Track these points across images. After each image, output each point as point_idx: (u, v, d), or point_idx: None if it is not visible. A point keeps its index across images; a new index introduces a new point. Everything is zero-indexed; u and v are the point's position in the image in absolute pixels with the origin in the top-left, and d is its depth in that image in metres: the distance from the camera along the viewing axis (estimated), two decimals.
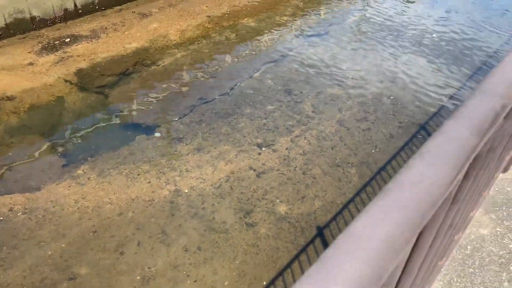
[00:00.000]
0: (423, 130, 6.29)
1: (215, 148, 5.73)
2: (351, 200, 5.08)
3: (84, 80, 6.98)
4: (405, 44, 8.62)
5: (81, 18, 8.85)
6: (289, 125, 6.24)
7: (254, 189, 5.13)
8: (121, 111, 6.35)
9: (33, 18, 8.11)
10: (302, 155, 5.70)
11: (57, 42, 7.85)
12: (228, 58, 7.88)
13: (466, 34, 9.18)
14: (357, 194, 5.16)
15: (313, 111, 6.57)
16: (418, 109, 6.72)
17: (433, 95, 7.08)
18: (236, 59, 7.85)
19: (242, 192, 5.08)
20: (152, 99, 6.64)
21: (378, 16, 9.80)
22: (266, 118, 6.35)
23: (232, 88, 7.02)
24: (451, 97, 7.05)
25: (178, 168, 5.38)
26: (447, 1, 10.92)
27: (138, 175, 5.26)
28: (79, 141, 5.78)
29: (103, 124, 6.11)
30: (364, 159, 5.68)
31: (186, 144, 5.77)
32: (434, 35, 9.07)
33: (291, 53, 8.15)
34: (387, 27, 9.35)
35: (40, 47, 7.68)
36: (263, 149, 5.77)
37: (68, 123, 6.12)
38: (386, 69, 7.76)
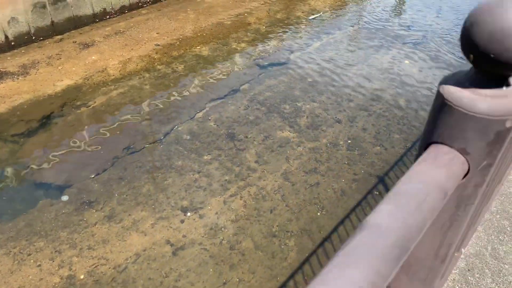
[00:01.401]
0: (382, 183, 5.38)
1: (129, 215, 4.82)
2: (283, 286, 4.16)
3: (0, 128, 6.10)
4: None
5: (15, 51, 8.00)
6: (225, 180, 5.33)
7: (165, 273, 4.21)
8: (32, 167, 5.45)
9: None
10: (233, 222, 4.79)
11: None
12: (169, 95, 7.01)
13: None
14: (291, 277, 4.24)
15: (256, 161, 5.67)
16: (378, 156, 5.82)
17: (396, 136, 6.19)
18: (179, 97, 6.98)
19: (149, 278, 4.16)
20: (70, 150, 5.74)
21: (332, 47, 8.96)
22: (199, 172, 5.45)
23: (166, 134, 6.13)
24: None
25: (79, 245, 4.46)
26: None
27: (29, 255, 4.34)
28: None
29: (7, 184, 5.21)
30: (306, 226, 4.76)
31: (96, 211, 4.86)
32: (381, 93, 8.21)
33: (243, 87, 7.28)
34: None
35: None
36: (188, 214, 4.86)
37: None
38: (345, 107, 6.88)
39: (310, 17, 9.71)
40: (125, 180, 5.29)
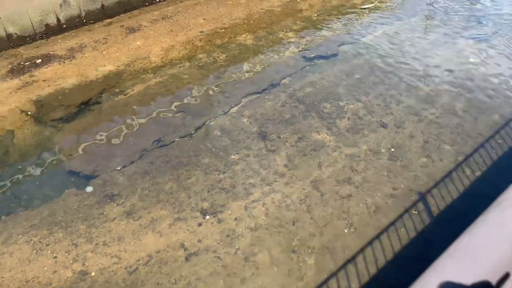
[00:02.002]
0: (423, 201, 4.81)
1: (148, 212, 4.73)
2: None
3: (42, 112, 6.28)
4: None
5: (66, 33, 8.20)
6: (250, 184, 5.06)
7: (175, 279, 4.07)
8: (64, 154, 5.54)
9: (9, 36, 7.57)
10: (252, 230, 4.52)
11: (27, 63, 7.24)
12: (206, 86, 6.80)
13: None
14: None
15: (285, 165, 5.32)
16: (423, 170, 5.21)
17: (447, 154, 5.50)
18: (216, 88, 6.75)
19: (158, 283, 4.04)
20: (101, 139, 5.76)
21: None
22: (224, 173, 5.22)
23: (198, 128, 5.95)
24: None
25: (95, 239, 4.45)
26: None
27: (47, 245, 4.41)
28: (7, 191, 5.05)
29: (39, 170, 5.34)
30: (330, 243, 4.37)
31: (117, 205, 4.83)
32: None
33: (284, 81, 6.88)
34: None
35: (8, 69, 7.11)
36: (207, 217, 4.67)
37: (10, 164, 5.42)
38: (394, 109, 6.25)
39: (363, 7, 8.94)
40: (150, 175, 5.20)
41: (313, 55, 7.52)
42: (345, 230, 4.50)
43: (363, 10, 8.81)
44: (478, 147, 5.50)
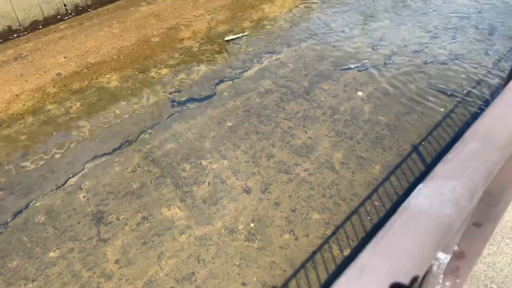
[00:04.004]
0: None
1: None
2: None
3: None
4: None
5: None
6: None
7: None
8: None
9: None
10: None
11: None
12: (45, 150, 5.60)
13: None
14: None
15: (116, 261, 4.28)
16: (282, 253, 4.32)
17: None
18: (57, 151, 5.57)
19: None
20: None
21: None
22: (34, 281, 4.10)
23: (17, 214, 4.76)
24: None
25: None
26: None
27: None
28: None
29: None
30: None
31: None
32: None
33: (142, 135, 5.81)
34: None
35: None
36: None
37: None
38: (263, 167, 5.35)
39: (227, 38, 7.99)
40: None
41: (184, 98, 6.51)
42: None
43: (227, 41, 7.84)
44: (351, 213, 4.69)
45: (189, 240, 4.46)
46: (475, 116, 6.03)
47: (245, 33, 8.02)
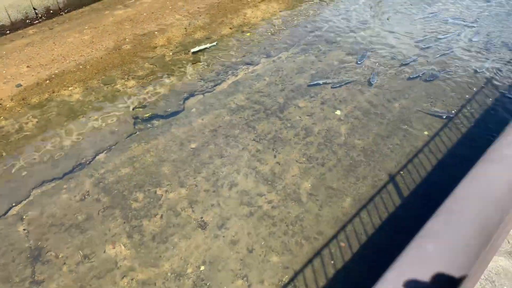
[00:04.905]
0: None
1: None
2: None
3: None
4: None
5: None
6: None
7: None
8: None
9: None
10: None
11: None
12: None
13: None
14: None
15: None
16: None
17: None
18: (3, 175, 5.14)
19: None
20: None
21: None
22: None
23: None
24: None
25: None
26: None
27: None
28: None
29: None
30: None
31: None
32: None
33: (98, 157, 5.38)
34: None
35: None
36: None
37: None
38: (223, 198, 4.88)
39: (193, 49, 7.41)
40: None
41: (148, 115, 6.05)
42: None
43: (194, 53, 7.29)
44: (314, 256, 4.22)
45: (131, 285, 4.02)
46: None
47: (214, 43, 7.49)
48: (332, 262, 4.18)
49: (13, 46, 7.56)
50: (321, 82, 6.55)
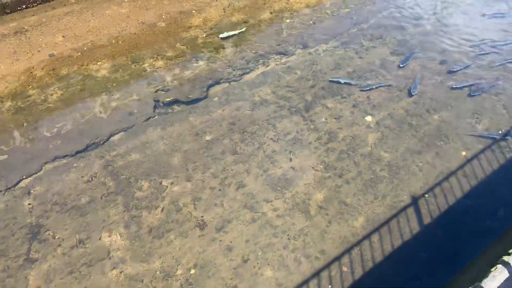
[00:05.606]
0: None
1: None
2: None
3: None
4: None
5: None
6: None
7: None
8: None
9: None
10: None
11: None
12: (13, 141, 5.28)
13: None
14: None
15: None
16: None
17: None
18: (20, 146, 5.23)
19: None
20: None
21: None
22: None
23: None
24: None
25: None
26: None
27: None
28: None
29: None
30: None
31: None
32: None
33: (113, 138, 5.31)
34: None
35: None
36: None
37: None
38: (229, 197, 4.66)
39: (222, 35, 6.99)
40: None
41: (169, 99, 5.88)
42: None
43: (223, 39, 6.91)
44: (311, 276, 3.91)
45: (119, 278, 3.94)
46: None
47: (242, 29, 7.10)
48: (329, 287, 3.85)
49: (54, 13, 7.63)
50: (352, 82, 6.03)
